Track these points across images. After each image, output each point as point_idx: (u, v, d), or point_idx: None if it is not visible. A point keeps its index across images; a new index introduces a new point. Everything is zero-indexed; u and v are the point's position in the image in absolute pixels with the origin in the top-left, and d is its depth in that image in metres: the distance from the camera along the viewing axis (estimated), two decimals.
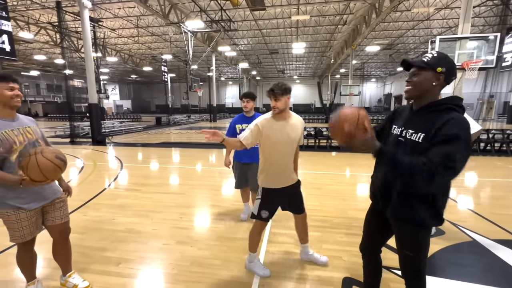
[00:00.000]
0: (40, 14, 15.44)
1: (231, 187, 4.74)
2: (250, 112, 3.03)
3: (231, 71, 36.34)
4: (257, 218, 2.12)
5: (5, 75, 1.65)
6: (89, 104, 9.95)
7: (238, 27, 17.24)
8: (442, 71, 1.19)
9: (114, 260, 2.39)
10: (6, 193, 1.61)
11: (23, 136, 1.66)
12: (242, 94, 3.03)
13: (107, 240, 2.75)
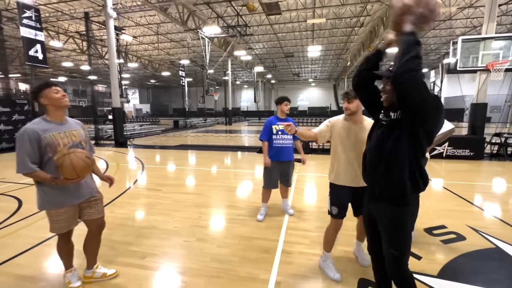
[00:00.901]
0: (69, 24, 16.49)
1: (245, 189, 4.85)
2: (284, 115, 3.21)
3: (246, 74, 36.76)
4: (330, 214, 2.23)
5: (47, 81, 1.86)
6: (113, 108, 10.48)
7: (253, 32, 17.51)
8: None
9: (139, 254, 2.55)
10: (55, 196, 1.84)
11: (68, 138, 1.85)
12: (281, 98, 3.18)
13: (132, 235, 2.93)
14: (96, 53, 16.58)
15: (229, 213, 3.61)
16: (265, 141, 3.20)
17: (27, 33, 9.05)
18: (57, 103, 1.82)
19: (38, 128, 1.73)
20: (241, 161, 7.70)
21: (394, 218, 1.40)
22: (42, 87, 1.80)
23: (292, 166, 3.35)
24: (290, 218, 3.39)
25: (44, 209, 1.86)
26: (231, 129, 19.65)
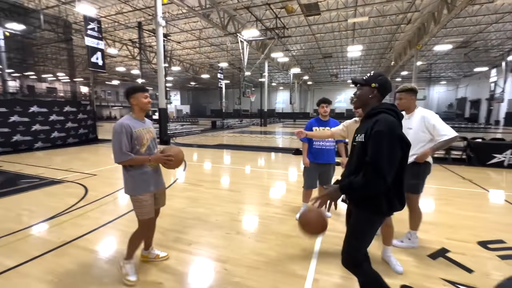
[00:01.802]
0: (124, 33, 18.32)
1: (280, 188, 4.92)
2: (327, 117, 3.24)
3: (282, 76, 36.72)
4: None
5: (142, 86, 2.13)
6: (159, 108, 11.38)
7: (291, 33, 17.49)
8: (376, 86, 1.49)
9: (186, 241, 2.80)
10: (144, 183, 2.11)
11: (148, 134, 2.14)
12: (319, 100, 3.23)
13: (180, 225, 3.22)
14: (145, 58, 18.13)
15: (266, 211, 3.73)
16: (305, 142, 3.27)
17: (91, 42, 10.33)
18: (144, 106, 2.11)
19: (130, 123, 2.01)
20: (275, 161, 7.79)
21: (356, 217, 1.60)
22: (137, 90, 2.08)
23: (332, 169, 3.31)
24: (329, 219, 3.38)
25: (134, 193, 2.09)
26: (266, 130, 19.85)
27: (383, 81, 1.51)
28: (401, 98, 2.53)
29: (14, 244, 2.72)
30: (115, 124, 2.00)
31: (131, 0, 13.19)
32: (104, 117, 39.77)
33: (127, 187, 2.13)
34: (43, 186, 4.88)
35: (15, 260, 2.40)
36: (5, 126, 8.43)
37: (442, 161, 7.06)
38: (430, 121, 2.39)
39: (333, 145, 3.26)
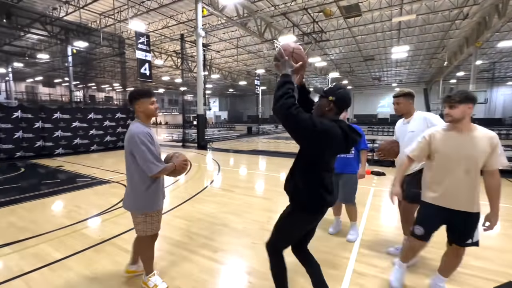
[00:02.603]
0: (169, 45, 19.78)
1: None
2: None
3: (320, 81, 35.78)
4: (411, 234, 2.00)
5: (147, 91, 1.95)
6: (198, 115, 11.91)
7: (330, 37, 16.98)
8: (333, 99, 1.48)
9: (212, 248, 2.78)
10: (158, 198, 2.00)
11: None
12: None
13: (208, 230, 3.23)
14: (187, 67, 19.27)
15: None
16: None
17: (141, 55, 11.31)
18: (151, 113, 1.96)
19: (148, 130, 1.88)
20: None
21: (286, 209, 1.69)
22: (142, 95, 1.91)
23: (350, 180, 2.92)
24: (365, 236, 3.08)
25: (150, 210, 1.94)
26: None
27: (341, 95, 1.50)
28: (399, 103, 2.46)
29: (63, 238, 3.00)
30: (134, 134, 1.82)
31: (176, 15, 14.18)
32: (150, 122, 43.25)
33: (140, 203, 1.92)
34: (94, 185, 5.39)
35: (61, 253, 2.64)
36: (68, 130, 9.63)
37: (508, 174, 6.02)
38: (433, 122, 2.24)
39: (350, 153, 2.94)
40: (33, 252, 2.69)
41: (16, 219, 3.61)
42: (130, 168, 1.94)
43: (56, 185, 5.42)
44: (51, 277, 2.29)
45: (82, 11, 12.83)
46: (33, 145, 8.79)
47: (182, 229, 3.24)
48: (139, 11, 13.17)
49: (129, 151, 1.87)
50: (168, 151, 8.11)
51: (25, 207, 4.11)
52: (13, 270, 2.37)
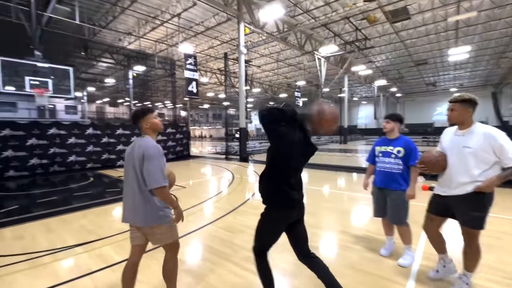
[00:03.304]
0: (213, 64, 21.15)
1: (362, 215, 4.35)
2: (392, 134, 2.75)
3: (365, 90, 34.06)
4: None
5: (149, 107, 2.03)
6: (240, 128, 12.31)
7: (374, 44, 16.21)
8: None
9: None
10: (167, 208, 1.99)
11: None
12: (386, 115, 2.85)
13: (251, 242, 3.23)
14: (230, 83, 20.27)
15: (343, 239, 3.34)
16: (368, 163, 3.00)
17: (189, 74, 12.31)
18: (157, 127, 2.00)
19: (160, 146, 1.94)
20: (357, 183, 7.04)
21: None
22: (148, 111, 1.98)
23: (397, 198, 2.63)
24: (425, 261, 2.74)
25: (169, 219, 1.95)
26: (346, 148, 18.50)
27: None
28: (453, 110, 2.11)
29: (121, 242, 3.32)
30: (150, 146, 1.87)
31: (220, 36, 15.20)
32: (196, 136, 46.08)
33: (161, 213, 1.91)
34: None
35: (120, 256, 2.92)
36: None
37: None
38: (498, 140, 1.94)
39: (396, 167, 2.66)
40: (98, 253, 3.03)
41: (87, 222, 4.13)
42: (140, 182, 1.87)
43: (117, 193, 6.08)
44: (112, 277, 2.54)
45: (141, 40, 14.64)
46: (100, 158, 10.08)
47: (225, 240, 3.31)
48: (188, 35, 14.47)
49: (138, 164, 1.85)
50: (213, 163, 8.54)
51: (94, 212, 4.69)
52: (83, 269, 2.69)
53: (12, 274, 2.62)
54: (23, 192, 6.55)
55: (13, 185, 7.24)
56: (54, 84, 8.07)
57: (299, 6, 11.77)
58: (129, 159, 1.92)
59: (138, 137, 2.01)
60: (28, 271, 2.68)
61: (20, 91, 7.45)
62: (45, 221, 4.23)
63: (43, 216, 4.47)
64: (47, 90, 7.66)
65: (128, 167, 1.93)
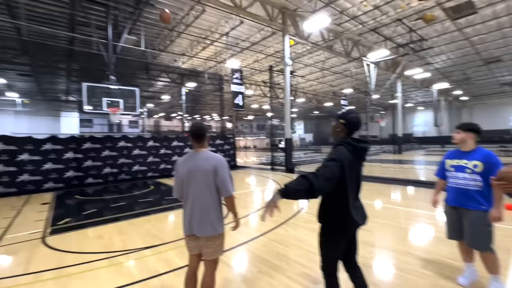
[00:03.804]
0: (258, 76, 21.79)
1: (424, 234, 3.89)
2: (466, 146, 2.41)
3: (422, 94, 31.00)
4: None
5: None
6: (285, 139, 12.31)
7: (432, 44, 14.78)
8: (343, 122, 1.82)
9: (312, 279, 2.69)
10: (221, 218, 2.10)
11: None
12: (457, 125, 2.55)
13: (305, 258, 3.16)
14: (274, 94, 20.57)
15: (408, 262, 3.02)
16: (438, 177, 2.68)
17: (235, 88, 12.91)
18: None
19: None
20: (416, 198, 6.36)
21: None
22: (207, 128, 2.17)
23: (477, 219, 2.25)
24: None
25: (223, 229, 2.08)
26: (402, 159, 16.89)
27: (350, 118, 1.81)
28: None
29: (182, 248, 3.56)
30: (220, 159, 2.03)
31: (264, 49, 15.67)
32: (241, 146, 47.48)
33: (219, 224, 2.04)
34: None
35: (182, 261, 3.13)
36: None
37: None
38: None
39: (472, 184, 2.29)
40: (164, 257, 3.31)
41: (150, 227, 4.56)
42: (212, 192, 1.99)
43: (173, 201, 6.59)
44: (176, 281, 2.74)
45: (193, 59, 15.97)
46: (158, 167, 11.11)
47: (280, 253, 3.30)
48: (235, 51, 15.27)
49: (212, 175, 1.96)
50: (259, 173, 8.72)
51: (156, 218, 5.16)
52: (152, 270, 2.97)
53: (96, 269, 3.03)
54: (99, 197, 7.58)
55: (91, 191, 8.43)
56: (123, 102, 9.29)
57: (345, 13, 11.49)
58: (195, 172, 1.97)
59: (194, 151, 2.07)
60: (108, 268, 3.06)
61: (98, 110, 8.77)
62: (117, 224, 4.81)
63: (115, 219, 5.10)
64: (119, 108, 8.86)
65: (194, 180, 1.97)
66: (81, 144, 9.24)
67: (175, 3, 10.53)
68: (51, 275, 2.93)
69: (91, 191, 8.38)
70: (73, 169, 8.98)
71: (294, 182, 1.54)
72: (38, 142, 8.47)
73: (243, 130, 50.72)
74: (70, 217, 5.32)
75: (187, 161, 2.04)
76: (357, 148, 1.75)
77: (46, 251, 3.64)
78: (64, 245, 3.82)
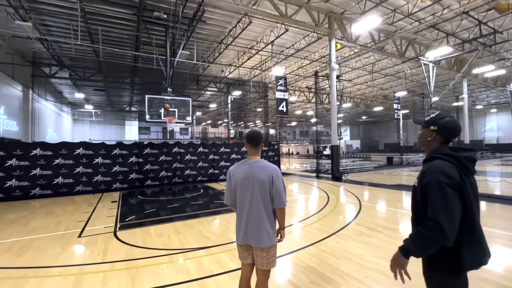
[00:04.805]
0: (302, 82, 21.58)
1: (500, 256, 3.29)
2: None
3: (494, 95, 26.89)
4: None
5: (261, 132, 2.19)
6: (332, 145, 11.88)
7: (508, 37, 12.79)
8: (434, 129, 1.44)
9: None
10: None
11: None
12: None
13: (361, 273, 2.98)
14: (319, 100, 20.10)
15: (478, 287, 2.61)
16: None
17: (279, 95, 13.00)
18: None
19: None
20: (490, 215, 5.45)
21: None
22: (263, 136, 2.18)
23: None
24: None
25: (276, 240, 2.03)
26: None
27: (444, 123, 1.43)
28: None
29: (234, 251, 3.70)
30: (277, 169, 1.99)
31: (309, 55, 15.51)
32: (284, 153, 47.24)
33: (274, 235, 2.01)
34: None
35: (235, 264, 3.24)
36: (229, 161, 12.19)
37: None
38: None
39: None
40: (217, 259, 3.48)
41: (203, 228, 4.84)
42: (266, 203, 1.96)
43: (220, 204, 6.87)
44: (230, 283, 2.84)
45: (240, 69, 16.64)
46: (207, 172, 11.75)
47: (332, 266, 3.18)
48: (279, 59, 15.45)
49: (268, 186, 1.94)
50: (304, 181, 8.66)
51: (207, 220, 5.46)
52: (206, 271, 3.14)
53: (159, 264, 3.34)
54: (156, 198, 8.34)
55: (149, 192, 9.33)
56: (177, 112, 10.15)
57: (398, 11, 10.72)
58: (251, 181, 1.94)
59: (248, 158, 2.06)
60: (169, 264, 3.34)
61: (157, 119, 9.76)
62: (174, 223, 5.22)
63: (171, 219, 5.54)
64: (174, 117, 9.72)
65: (250, 189, 1.95)
66: (142, 150, 10.33)
67: (224, 18, 11.20)
68: (123, 266, 3.32)
69: (149, 192, 9.27)
70: (135, 172, 10.09)
71: (415, 234, 1.31)
72: (109, 148, 9.76)
73: (286, 136, 50.50)
74: (134, 215, 5.97)
75: (242, 169, 2.01)
76: (460, 159, 1.35)
77: (118, 244, 4.14)
78: (131, 239, 4.30)
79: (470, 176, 1.37)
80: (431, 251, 1.26)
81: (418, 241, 1.27)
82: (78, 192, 8.96)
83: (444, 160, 1.34)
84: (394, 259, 1.35)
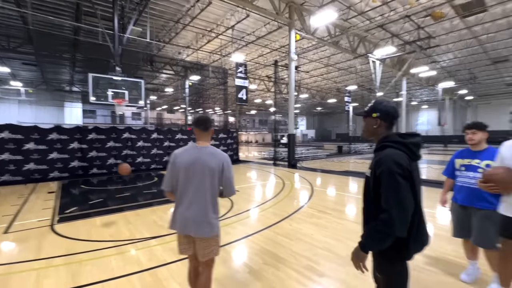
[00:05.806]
0: (262, 71, 21.66)
1: (430, 233, 3.92)
2: (479, 146, 2.45)
3: (426, 93, 30.80)
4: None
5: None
6: (288, 134, 12.31)
7: (440, 42, 14.64)
8: (377, 115, 1.45)
9: (318, 272, 2.74)
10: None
11: None
12: (466, 124, 2.55)
13: (310, 252, 3.21)
14: (278, 90, 20.49)
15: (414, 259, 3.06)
16: (446, 176, 2.72)
17: (239, 82, 12.86)
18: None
19: None
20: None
21: None
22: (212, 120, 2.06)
23: (486, 218, 2.30)
24: None
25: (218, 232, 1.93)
26: None
27: (384, 108, 1.46)
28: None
29: None
30: (227, 157, 1.94)
31: (270, 44, 15.55)
32: (243, 141, 47.49)
33: (217, 224, 1.90)
34: None
35: None
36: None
37: None
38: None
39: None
40: (171, 247, 3.37)
41: (157, 218, 4.63)
42: (214, 190, 1.88)
43: None
44: (184, 270, 2.79)
45: (198, 52, 15.87)
46: (162, 160, 11.17)
47: (285, 247, 3.35)
48: (240, 45, 15.16)
49: (218, 173, 1.86)
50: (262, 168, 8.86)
51: (160, 209, 5.23)
52: (159, 259, 3.03)
53: (106, 257, 3.10)
54: (104, 187, 7.66)
55: (95, 181, 8.52)
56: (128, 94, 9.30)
57: (353, 9, 11.35)
58: (199, 167, 1.83)
59: (196, 144, 1.94)
60: (117, 256, 3.13)
61: (104, 101, 8.80)
62: (123, 214, 4.88)
63: (121, 209, 5.17)
64: (124, 100, 8.88)
65: (196, 175, 1.83)
66: (86, 135, 9.29)
67: None
68: (63, 261, 3.00)
69: (95, 182, 8.47)
70: (78, 159, 9.06)
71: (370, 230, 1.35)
72: (44, 132, 8.53)
73: (245, 124, 50.64)
74: (76, 206, 5.40)
75: (189, 154, 1.87)
76: (409, 145, 1.37)
77: (55, 238, 3.71)
78: (72, 233, 3.89)
79: (416, 161, 1.42)
80: (387, 244, 1.30)
81: (374, 237, 1.31)
82: (4, 183, 7.71)
83: (395, 148, 1.35)
84: (354, 253, 1.40)
